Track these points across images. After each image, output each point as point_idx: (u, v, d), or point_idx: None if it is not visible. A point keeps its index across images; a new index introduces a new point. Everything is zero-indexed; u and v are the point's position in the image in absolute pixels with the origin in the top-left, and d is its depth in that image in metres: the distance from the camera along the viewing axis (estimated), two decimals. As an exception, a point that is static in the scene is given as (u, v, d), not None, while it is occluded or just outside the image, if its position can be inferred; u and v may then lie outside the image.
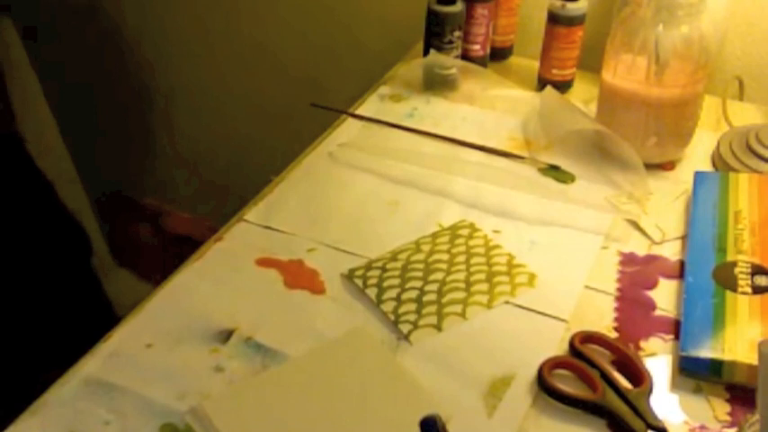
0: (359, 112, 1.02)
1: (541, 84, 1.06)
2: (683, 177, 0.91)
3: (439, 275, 0.76)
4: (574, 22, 1.01)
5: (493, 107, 1.04)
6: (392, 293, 0.74)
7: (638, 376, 0.65)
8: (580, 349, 0.67)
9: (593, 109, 0.98)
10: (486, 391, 0.65)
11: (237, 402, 0.63)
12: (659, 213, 0.85)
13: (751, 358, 0.64)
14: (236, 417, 0.62)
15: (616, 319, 0.72)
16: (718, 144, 0.94)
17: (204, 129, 1.65)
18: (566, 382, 0.65)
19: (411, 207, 0.86)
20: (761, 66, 1.07)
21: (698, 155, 0.95)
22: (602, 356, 0.67)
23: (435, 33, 1.05)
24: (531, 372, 0.66)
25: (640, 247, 0.81)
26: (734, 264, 0.74)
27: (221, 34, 1.48)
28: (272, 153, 1.14)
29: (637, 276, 0.77)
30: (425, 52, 1.07)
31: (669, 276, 0.77)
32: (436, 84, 1.07)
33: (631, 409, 0.62)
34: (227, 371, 0.66)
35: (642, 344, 0.70)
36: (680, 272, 0.77)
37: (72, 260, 0.96)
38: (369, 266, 0.77)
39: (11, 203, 0.95)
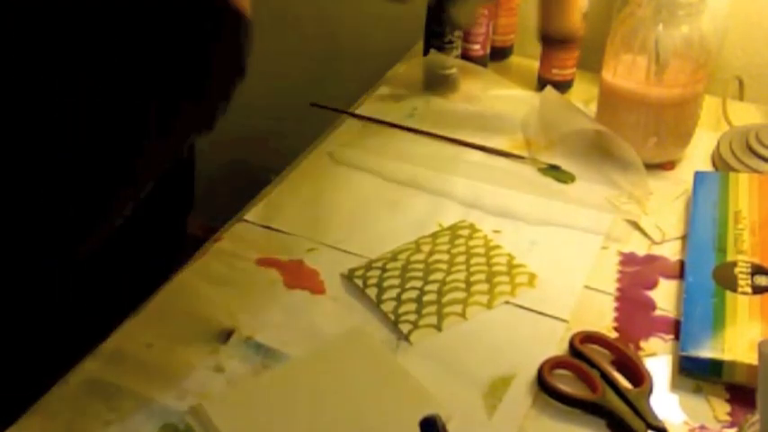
0: (359, 111, 1.02)
1: (541, 84, 1.06)
2: (683, 177, 0.91)
3: (439, 275, 0.76)
4: (574, 21, 1.01)
5: (493, 107, 1.04)
6: (392, 293, 0.74)
7: (638, 376, 0.65)
8: (580, 349, 0.67)
9: (593, 109, 0.98)
10: (486, 390, 0.65)
11: (237, 402, 0.63)
12: (659, 213, 0.85)
13: (751, 358, 0.64)
14: (236, 416, 0.62)
15: (616, 319, 0.72)
16: (719, 144, 0.94)
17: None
18: (566, 382, 0.65)
19: (411, 207, 0.86)
20: (761, 65, 1.07)
21: (698, 155, 0.95)
22: (602, 356, 0.67)
23: (435, 33, 1.05)
24: (531, 372, 0.66)
25: (640, 247, 0.81)
26: (734, 264, 0.74)
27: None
28: (272, 153, 1.14)
29: (637, 276, 0.77)
30: (425, 52, 1.07)
31: (669, 276, 0.77)
32: (436, 84, 1.07)
33: (631, 410, 0.62)
34: (227, 371, 0.66)
35: (642, 344, 0.70)
36: (680, 272, 0.77)
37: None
38: (369, 266, 0.77)
39: None
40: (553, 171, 0.92)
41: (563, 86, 1.06)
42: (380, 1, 0.81)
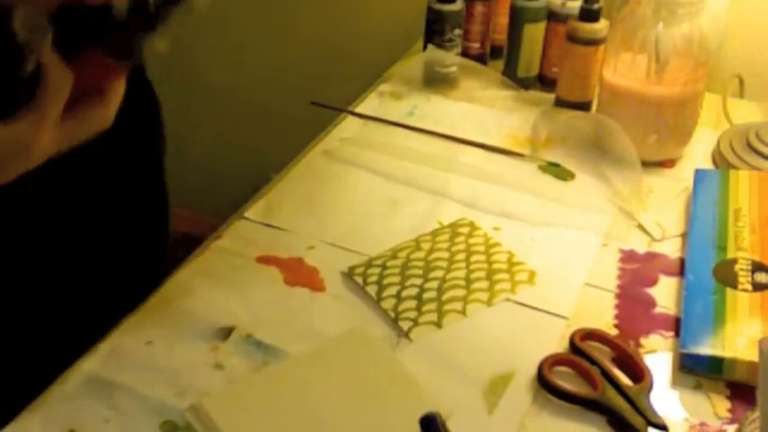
0: (359, 110, 1.02)
1: (541, 82, 1.06)
2: (683, 175, 0.91)
3: (439, 273, 0.76)
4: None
5: (492, 105, 1.04)
6: (392, 291, 0.74)
7: (639, 373, 0.65)
8: (580, 346, 0.67)
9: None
10: (486, 388, 0.65)
11: (237, 399, 0.63)
12: (660, 211, 0.85)
13: (751, 355, 0.64)
14: (235, 414, 0.62)
15: (616, 317, 0.72)
16: (719, 142, 0.94)
17: (205, 127, 1.65)
18: (566, 380, 0.65)
19: (411, 205, 0.86)
20: (761, 63, 1.07)
21: (698, 152, 0.95)
22: (602, 353, 0.67)
23: (435, 32, 1.05)
24: (532, 369, 0.66)
25: (640, 245, 0.81)
26: (734, 261, 0.74)
27: (222, 32, 1.48)
28: (272, 151, 1.14)
29: (637, 274, 0.77)
30: (425, 51, 1.07)
31: (669, 274, 0.77)
32: (436, 81, 1.07)
33: (631, 406, 0.62)
34: (227, 368, 0.66)
35: (642, 341, 0.70)
36: (680, 269, 0.77)
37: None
38: (369, 264, 0.77)
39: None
40: (553, 168, 0.92)
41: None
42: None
